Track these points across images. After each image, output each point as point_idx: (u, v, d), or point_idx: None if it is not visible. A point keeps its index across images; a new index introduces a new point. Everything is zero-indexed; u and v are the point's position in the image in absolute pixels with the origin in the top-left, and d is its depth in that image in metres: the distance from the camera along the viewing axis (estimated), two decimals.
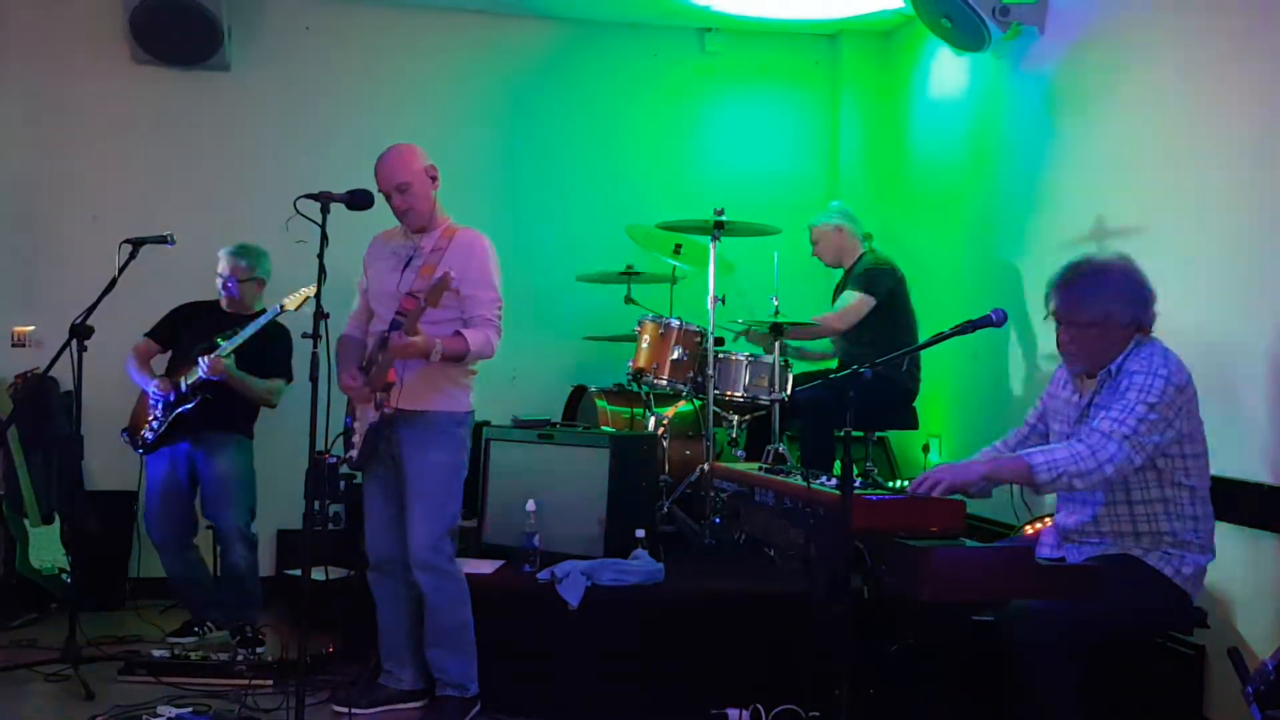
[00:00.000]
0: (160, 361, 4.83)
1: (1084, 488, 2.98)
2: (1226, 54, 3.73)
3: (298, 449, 3.46)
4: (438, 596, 3.83)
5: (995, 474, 3.11)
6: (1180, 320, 3.32)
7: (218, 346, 4.53)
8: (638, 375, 4.99)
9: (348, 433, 3.94)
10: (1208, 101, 3.79)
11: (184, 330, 4.77)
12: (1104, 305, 3.07)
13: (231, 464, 4.68)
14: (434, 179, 3.88)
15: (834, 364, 5.30)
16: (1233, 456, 3.50)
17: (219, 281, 4.74)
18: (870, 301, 4.92)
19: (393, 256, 3.94)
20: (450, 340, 3.74)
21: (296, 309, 4.52)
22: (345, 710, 3.83)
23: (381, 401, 3.74)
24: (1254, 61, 3.61)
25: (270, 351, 4.67)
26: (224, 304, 4.79)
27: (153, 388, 4.62)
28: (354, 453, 3.89)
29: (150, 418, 4.64)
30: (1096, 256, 3.23)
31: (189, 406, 4.57)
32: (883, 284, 4.96)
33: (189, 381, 4.56)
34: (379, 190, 3.83)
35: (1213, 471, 3.16)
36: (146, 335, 4.79)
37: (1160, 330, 3.16)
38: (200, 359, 4.51)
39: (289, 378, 4.76)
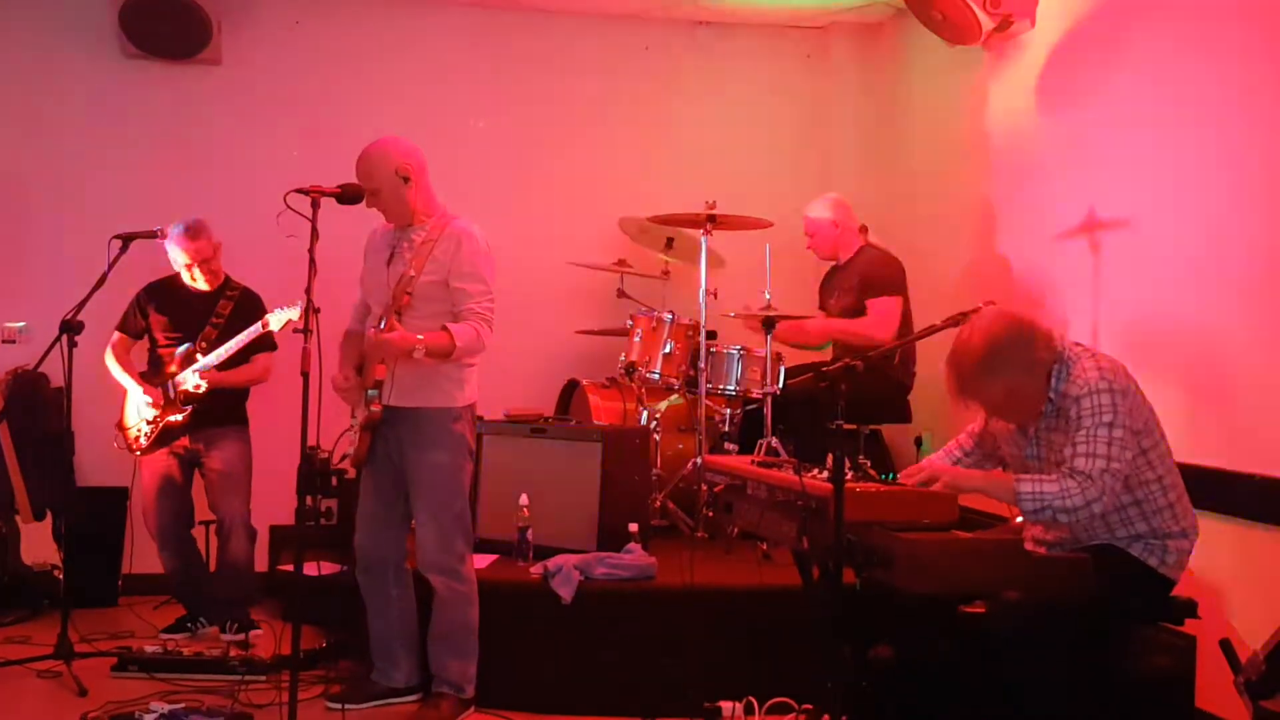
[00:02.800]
0: (138, 351, 4.80)
1: (1066, 522, 2.99)
2: (1219, 46, 3.72)
3: (289, 445, 3.45)
4: (446, 595, 3.81)
5: (986, 491, 3.13)
6: (1172, 312, 3.33)
7: (195, 356, 4.53)
8: (630, 369, 4.99)
9: (349, 430, 3.92)
10: (1200, 93, 3.79)
11: (155, 314, 4.72)
12: (1004, 383, 3.04)
13: (234, 454, 4.70)
14: (406, 179, 3.76)
15: (825, 347, 5.31)
16: (1224, 448, 3.51)
17: (185, 273, 4.65)
18: (899, 301, 4.96)
19: (386, 249, 3.90)
20: (434, 336, 3.66)
21: (279, 329, 4.49)
22: (339, 707, 3.82)
23: (371, 400, 3.73)
24: (1246, 54, 3.61)
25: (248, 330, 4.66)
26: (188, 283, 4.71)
27: (140, 394, 4.61)
28: (352, 448, 3.86)
29: (141, 421, 4.63)
30: (970, 336, 3.09)
31: (178, 418, 4.57)
32: (902, 279, 5.01)
33: (177, 388, 4.55)
34: None
35: (1205, 463, 3.17)
36: (119, 330, 4.77)
37: (1154, 323, 3.16)
38: (188, 373, 4.51)
39: (273, 348, 4.72)
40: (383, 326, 3.68)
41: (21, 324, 5.43)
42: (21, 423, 5.01)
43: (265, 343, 4.69)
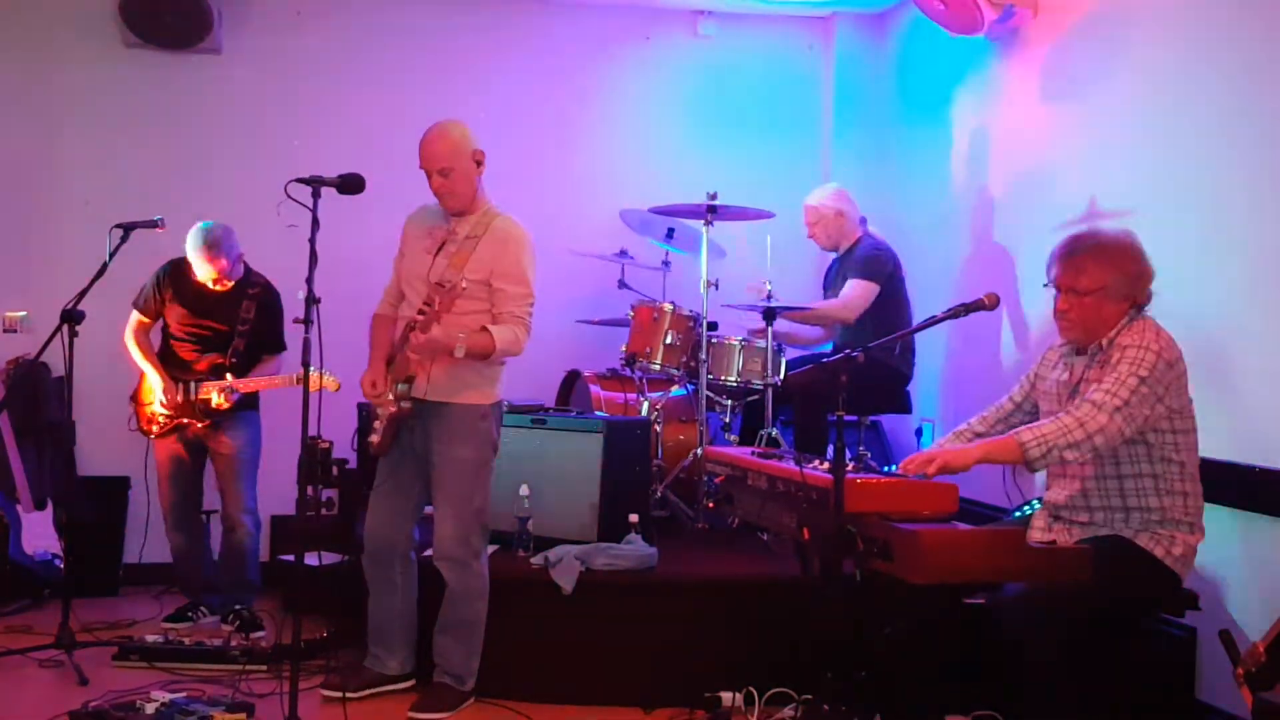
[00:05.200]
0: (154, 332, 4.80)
1: (1074, 459, 2.99)
2: (1221, 35, 3.72)
3: (291, 435, 3.45)
4: (458, 588, 3.82)
5: (988, 457, 3.11)
6: (1173, 302, 3.32)
7: (226, 376, 4.55)
8: (631, 360, 4.99)
9: (371, 416, 3.91)
10: (1201, 83, 3.78)
11: (172, 303, 4.68)
12: (1102, 275, 3.10)
13: (244, 441, 4.70)
14: (479, 163, 3.80)
15: (828, 347, 5.30)
16: (1225, 439, 3.51)
17: (207, 281, 4.58)
18: (874, 289, 4.92)
19: (428, 238, 3.87)
20: (475, 338, 3.66)
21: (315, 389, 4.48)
22: (338, 695, 3.81)
23: (401, 395, 3.72)
24: (1248, 41, 3.60)
25: (269, 334, 4.67)
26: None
27: (161, 389, 4.60)
28: (375, 437, 3.85)
29: (159, 405, 4.64)
30: (1102, 229, 3.24)
31: (198, 426, 4.59)
32: (884, 269, 4.97)
33: (201, 399, 4.56)
34: (420, 168, 3.78)
35: (1207, 454, 3.16)
36: (139, 311, 4.72)
37: (1153, 311, 3.17)
38: (214, 392, 4.52)
39: (283, 349, 4.74)
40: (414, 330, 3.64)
41: (23, 313, 5.42)
42: (22, 412, 5.01)
43: (276, 345, 4.71)
